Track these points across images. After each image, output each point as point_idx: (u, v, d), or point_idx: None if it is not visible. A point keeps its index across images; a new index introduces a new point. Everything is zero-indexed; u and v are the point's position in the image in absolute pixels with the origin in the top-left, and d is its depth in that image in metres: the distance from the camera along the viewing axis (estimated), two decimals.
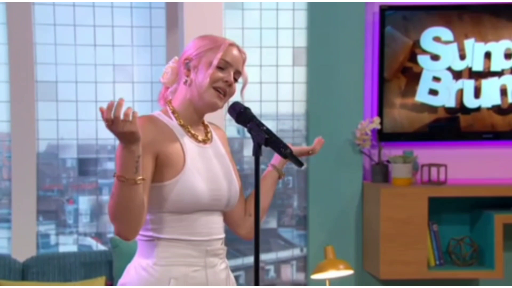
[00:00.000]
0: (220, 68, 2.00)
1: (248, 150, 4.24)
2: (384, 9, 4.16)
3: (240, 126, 4.19)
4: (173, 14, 4.19)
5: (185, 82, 2.04)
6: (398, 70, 4.19)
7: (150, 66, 4.20)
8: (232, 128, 4.25)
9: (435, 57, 4.20)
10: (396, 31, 4.17)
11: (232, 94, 2.05)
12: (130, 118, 1.76)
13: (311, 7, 4.19)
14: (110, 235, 4.11)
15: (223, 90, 2.02)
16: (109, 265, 3.82)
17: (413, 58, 4.19)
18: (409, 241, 3.94)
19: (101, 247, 4.19)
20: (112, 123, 1.76)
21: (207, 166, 2.02)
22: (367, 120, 4.13)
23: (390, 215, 3.95)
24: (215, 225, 2.03)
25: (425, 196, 3.95)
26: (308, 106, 4.26)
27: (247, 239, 2.20)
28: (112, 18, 4.18)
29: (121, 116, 1.76)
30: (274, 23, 4.28)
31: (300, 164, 1.95)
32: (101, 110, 1.76)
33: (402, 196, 3.96)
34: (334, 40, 4.18)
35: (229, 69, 2.03)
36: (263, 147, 1.94)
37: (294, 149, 2.12)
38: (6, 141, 4.08)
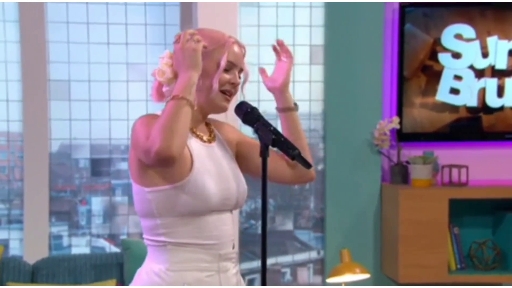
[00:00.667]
0: (225, 70, 2.00)
1: None
2: (404, 6, 4.12)
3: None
4: (187, 12, 4.14)
5: None
6: (418, 69, 4.14)
7: None
8: (248, 128, 4.15)
9: (456, 55, 4.15)
10: (416, 29, 4.12)
11: (236, 92, 2.05)
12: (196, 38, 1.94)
13: (328, 4, 4.16)
14: (123, 237, 4.07)
15: (229, 92, 2.02)
16: (120, 267, 3.78)
17: (433, 56, 4.13)
18: (429, 244, 3.90)
19: (114, 249, 4.16)
20: (187, 41, 1.92)
21: (215, 165, 2.01)
22: (386, 120, 4.10)
23: (409, 217, 3.90)
24: (226, 226, 2.01)
25: (446, 198, 3.90)
26: (325, 105, 4.23)
27: (311, 178, 2.16)
28: (125, 16, 4.15)
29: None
30: (290, 20, 4.25)
31: (308, 165, 1.93)
32: (178, 35, 1.97)
33: (422, 198, 3.91)
34: (352, 38, 4.14)
35: (234, 70, 2.03)
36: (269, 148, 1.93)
37: (269, 78, 2.13)
38: (18, 141, 4.07)
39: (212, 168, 1.99)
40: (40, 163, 4.01)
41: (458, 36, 4.15)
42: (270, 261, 4.21)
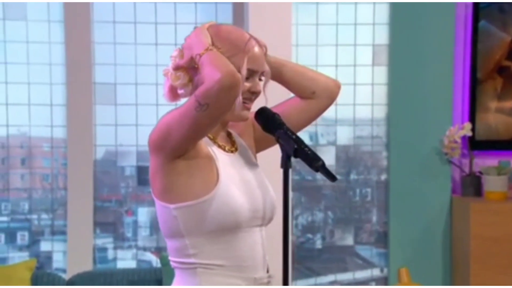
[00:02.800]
0: (245, 78, 1.92)
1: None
2: (478, 1, 4.02)
3: (312, 131, 4.21)
4: (240, 10, 4.08)
5: None
6: (493, 70, 4.05)
7: None
8: (304, 134, 4.23)
9: None
10: (491, 26, 4.02)
11: (257, 97, 1.97)
12: None
13: (393, 1, 4.07)
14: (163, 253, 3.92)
15: (249, 99, 1.95)
16: (159, 284, 3.71)
17: (511, 56, 4.04)
18: (504, 263, 3.78)
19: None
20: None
21: (240, 175, 1.96)
22: (456, 126, 3.99)
23: (481, 233, 3.78)
24: (257, 246, 1.96)
25: None
26: (389, 110, 4.15)
27: (335, 92, 2.11)
28: (175, 15, 4.08)
29: None
30: (351, 18, 4.17)
31: (333, 178, 1.85)
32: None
33: (496, 212, 3.80)
34: (419, 37, 4.05)
35: (255, 76, 1.94)
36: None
37: None
38: (61, 147, 4.05)
39: (238, 178, 1.94)
40: (84, 171, 3.97)
41: None
42: (328, 278, 4.18)
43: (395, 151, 4.08)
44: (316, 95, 2.06)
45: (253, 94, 1.94)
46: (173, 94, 1.98)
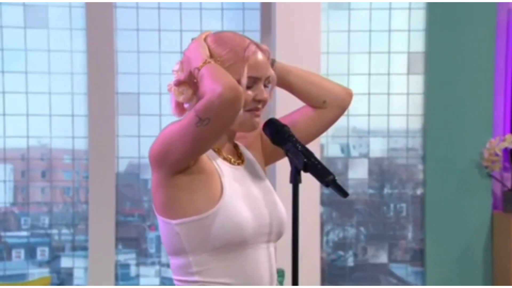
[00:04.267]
0: (248, 86, 1.87)
1: (354, 172, 4.19)
2: None
3: (344, 143, 4.13)
4: (269, 16, 4.01)
5: None
6: None
7: None
8: (335, 146, 4.20)
9: None
10: None
11: (265, 105, 1.91)
12: None
13: (430, 5, 4.03)
14: None
15: (256, 108, 1.89)
16: None
17: None
18: None
19: None
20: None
21: (246, 189, 1.92)
22: (497, 138, 3.94)
23: None
24: (264, 263, 1.91)
25: None
26: (425, 121, 4.09)
27: (347, 101, 2.05)
28: (200, 22, 4.08)
29: None
30: (386, 24, 4.14)
31: (344, 194, 1.81)
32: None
33: None
34: (458, 44, 4.00)
35: (258, 83, 1.88)
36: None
37: None
38: (83, 159, 4.04)
39: (243, 192, 1.91)
40: (106, 184, 3.95)
41: None
42: None
43: (432, 164, 4.02)
44: (327, 104, 2.03)
45: (259, 102, 1.90)
46: (180, 109, 1.96)
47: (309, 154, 1.82)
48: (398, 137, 4.13)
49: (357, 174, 4.08)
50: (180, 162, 1.80)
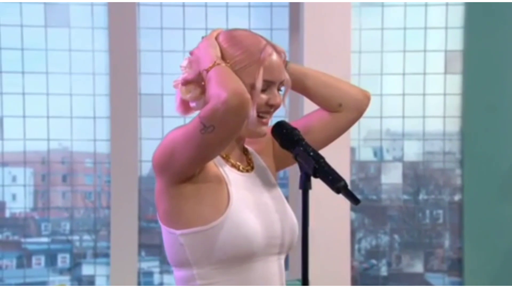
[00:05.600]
0: (262, 90, 1.82)
1: (387, 176, 4.13)
2: None
3: (377, 146, 4.06)
4: (297, 14, 3.94)
5: None
6: None
7: None
8: (367, 149, 4.11)
9: None
10: None
11: (275, 110, 1.86)
12: None
13: (469, 2, 3.98)
14: None
15: (267, 112, 1.85)
16: None
17: None
18: None
19: None
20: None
21: (255, 198, 1.87)
22: None
23: None
24: (274, 276, 1.87)
25: None
26: (463, 123, 4.07)
27: (364, 104, 1.99)
28: (226, 20, 4.06)
29: None
30: (421, 22, 4.10)
31: (356, 201, 1.77)
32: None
33: None
34: (497, 42, 3.94)
35: (272, 87, 1.82)
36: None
37: None
38: (105, 163, 4.02)
39: (252, 201, 1.86)
40: (129, 189, 3.94)
41: None
42: None
43: (470, 168, 3.99)
44: (343, 107, 1.99)
45: (271, 107, 1.85)
46: (185, 107, 1.90)
47: (319, 159, 1.79)
48: (434, 140, 4.10)
49: (390, 179, 4.01)
50: (183, 170, 1.75)
